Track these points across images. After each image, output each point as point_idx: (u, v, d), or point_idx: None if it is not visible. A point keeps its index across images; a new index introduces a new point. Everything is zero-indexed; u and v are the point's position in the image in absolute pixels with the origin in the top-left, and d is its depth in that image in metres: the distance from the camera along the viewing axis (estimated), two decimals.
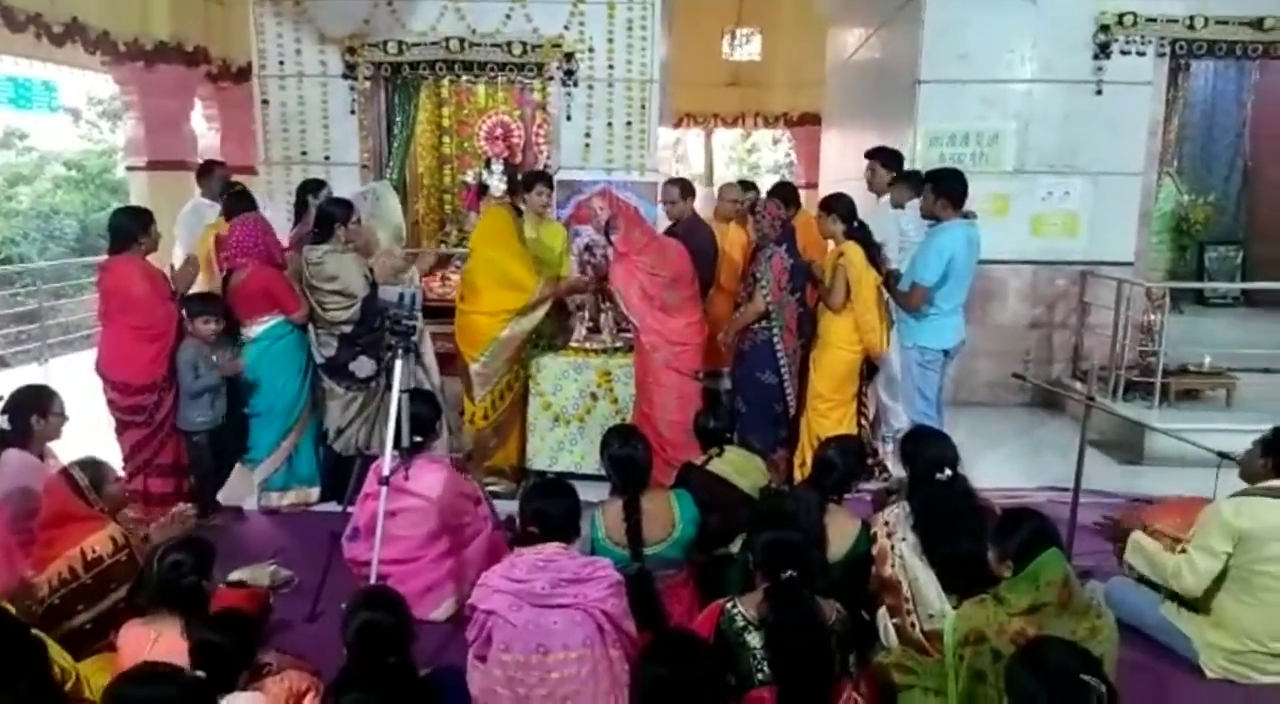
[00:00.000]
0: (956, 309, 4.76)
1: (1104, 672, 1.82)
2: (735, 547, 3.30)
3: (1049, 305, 6.72)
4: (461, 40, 6.59)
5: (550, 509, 2.61)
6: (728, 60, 12.15)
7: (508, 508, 3.72)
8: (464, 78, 7.41)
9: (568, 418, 4.82)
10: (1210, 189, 9.78)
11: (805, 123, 12.03)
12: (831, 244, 4.77)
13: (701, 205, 5.73)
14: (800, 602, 2.39)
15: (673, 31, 8.02)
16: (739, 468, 3.62)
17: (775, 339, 4.57)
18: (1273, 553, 2.92)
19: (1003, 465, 5.28)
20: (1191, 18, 6.34)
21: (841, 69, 9.42)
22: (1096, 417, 5.55)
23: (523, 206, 5.01)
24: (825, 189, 8.72)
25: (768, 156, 21.61)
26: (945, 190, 4.59)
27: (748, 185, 6.07)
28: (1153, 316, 6.23)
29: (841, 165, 8.64)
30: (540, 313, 4.60)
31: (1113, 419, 5.65)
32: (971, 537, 2.77)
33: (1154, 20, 6.37)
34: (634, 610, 2.61)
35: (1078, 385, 6.19)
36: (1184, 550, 3.11)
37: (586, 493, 2.91)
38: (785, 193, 5.01)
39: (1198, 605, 3.13)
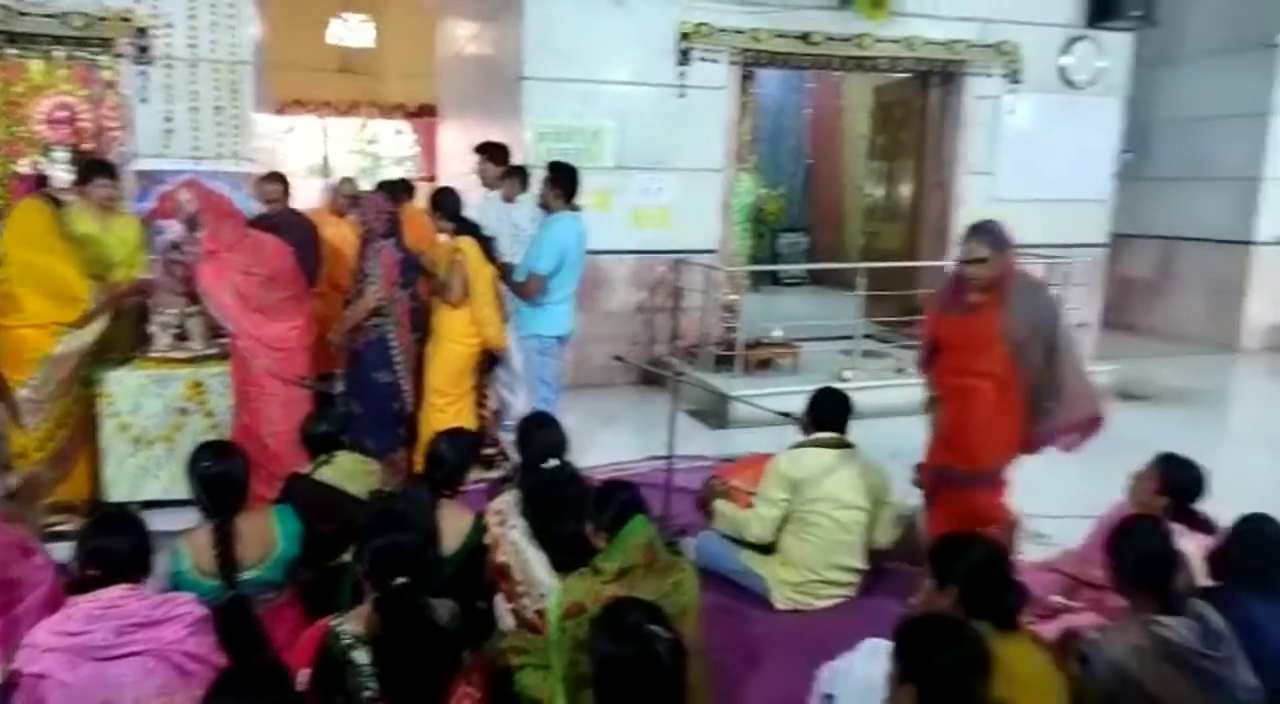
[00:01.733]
0: (569, 297, 5.00)
1: (671, 622, 2.00)
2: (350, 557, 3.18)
3: (650, 291, 7.31)
4: (6, 8, 5.63)
5: (113, 546, 2.32)
6: (338, 46, 11.63)
7: None
8: (9, 52, 6.32)
9: (151, 439, 4.28)
10: (780, 183, 11.25)
11: (424, 114, 11.89)
12: (444, 238, 4.77)
13: (319, 198, 5.46)
14: (411, 608, 2.36)
15: (269, 10, 7.49)
16: (350, 473, 3.50)
17: (389, 336, 4.48)
18: (820, 494, 3.44)
19: (616, 441, 5.66)
20: (755, 30, 7.20)
21: (453, 62, 9.44)
22: (692, 389, 6.19)
23: (70, 199, 4.37)
24: (445, 182, 8.70)
25: (391, 148, 21.07)
26: (561, 183, 4.80)
27: (350, 180, 5.89)
28: (734, 297, 7.05)
29: (459, 159, 8.67)
30: (100, 324, 4.05)
31: (706, 390, 6.32)
32: (575, 516, 2.93)
33: (725, 31, 7.13)
34: (229, 642, 2.41)
35: (676, 362, 6.83)
36: (752, 505, 3.56)
37: (179, 522, 2.63)
38: (393, 186, 4.93)
39: (768, 548, 3.60)
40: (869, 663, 2.48)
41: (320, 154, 14.78)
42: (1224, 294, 9.62)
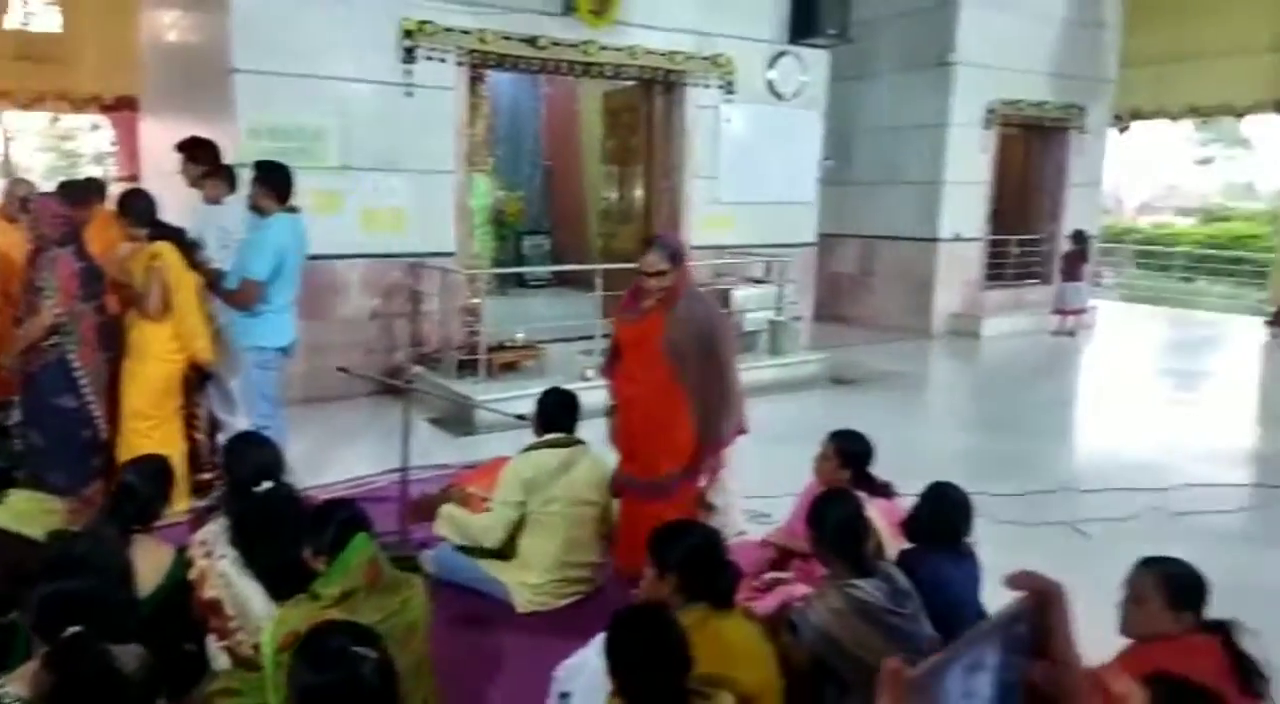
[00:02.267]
0: (289, 305, 4.69)
1: (383, 643, 1.93)
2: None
3: (386, 296, 7.06)
4: None
5: None
6: (19, 31, 10.23)
7: None
8: None
9: None
10: (520, 185, 11.24)
11: (124, 108, 10.71)
12: (129, 246, 4.31)
13: None
14: (87, 660, 2.10)
15: None
16: (24, 514, 3.06)
17: (70, 356, 3.98)
18: (554, 495, 3.47)
19: (354, 456, 5.41)
20: (482, 31, 7.13)
21: (156, 50, 8.59)
22: (436, 396, 6.04)
23: None
24: (147, 182, 7.91)
25: (88, 144, 18.90)
26: (270, 183, 4.47)
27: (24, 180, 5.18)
28: (476, 301, 6.97)
29: (163, 156, 7.90)
30: None
31: (453, 396, 6.19)
32: (293, 541, 2.74)
33: (450, 31, 7.01)
34: None
35: (417, 370, 6.64)
36: (490, 511, 3.53)
37: None
38: (75, 187, 4.39)
39: (508, 552, 3.58)
40: (601, 657, 2.53)
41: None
42: (917, 286, 10.84)
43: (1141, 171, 30.64)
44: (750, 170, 8.73)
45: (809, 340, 9.04)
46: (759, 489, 4.40)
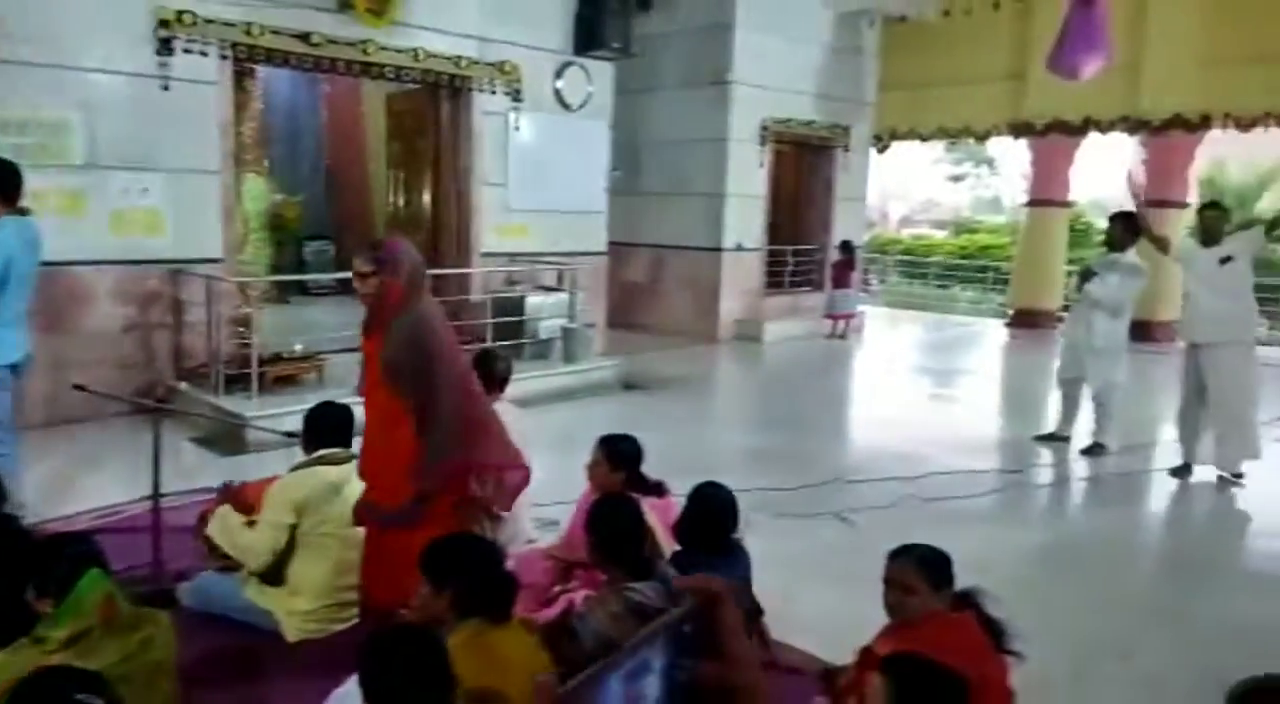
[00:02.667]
0: (19, 317, 4.19)
1: (113, 689, 1.75)
2: None
3: (142, 306, 6.46)
4: None
5: None
6: None
7: None
8: None
9: None
10: (300, 188, 10.69)
11: None
12: None
13: None
14: None
15: None
16: None
17: None
18: (328, 515, 3.29)
19: (103, 483, 4.91)
20: (249, 24, 6.69)
21: None
22: (202, 413, 5.60)
23: None
24: None
25: None
26: None
27: None
28: (248, 310, 6.53)
29: None
30: None
31: (218, 413, 5.75)
32: (15, 581, 2.44)
33: (212, 22, 6.53)
34: None
35: (182, 386, 6.14)
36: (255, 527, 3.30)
37: None
38: None
39: (276, 579, 3.36)
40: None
41: None
42: (704, 294, 11.26)
43: (903, 188, 33.49)
44: (541, 179, 8.74)
45: (602, 347, 9.17)
46: (551, 496, 4.39)
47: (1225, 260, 5.54)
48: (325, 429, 3.40)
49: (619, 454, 3.33)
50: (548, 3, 8.61)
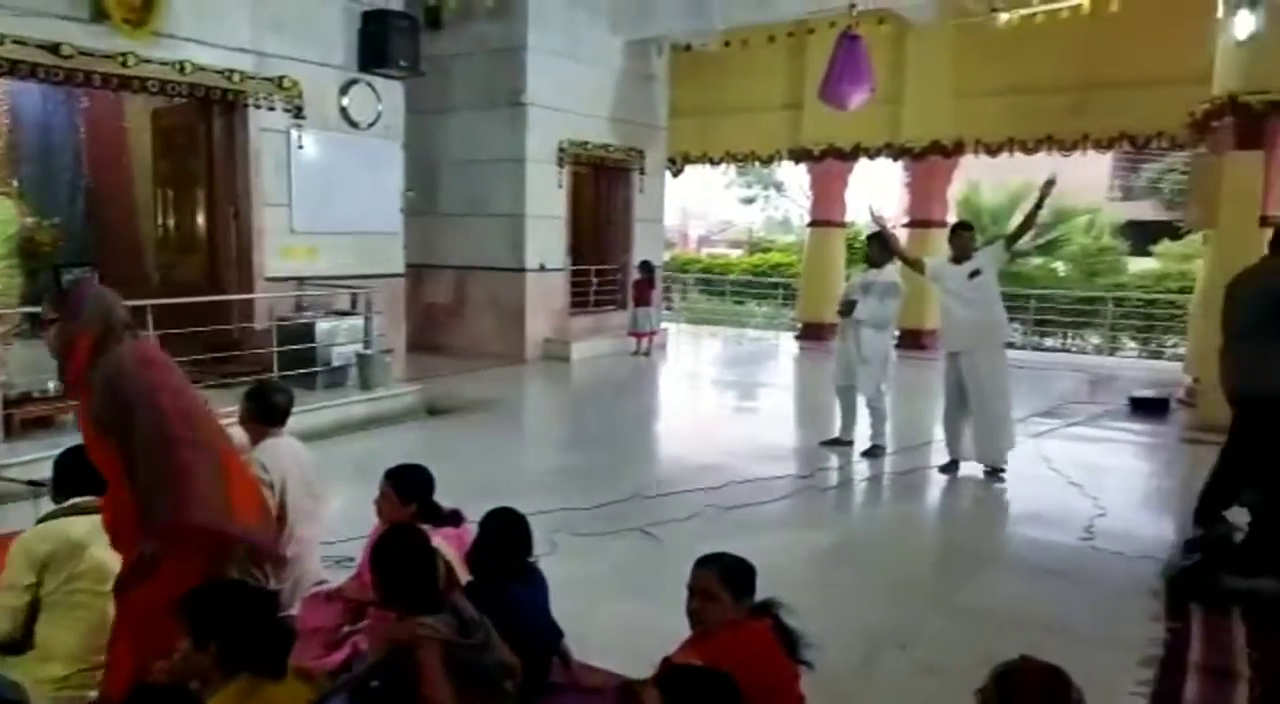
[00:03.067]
0: None
1: None
2: None
3: None
4: None
5: None
6: None
7: None
8: None
9: None
10: (56, 210, 9.69)
11: None
12: None
13: None
14: None
15: None
16: None
17: None
18: (76, 571, 2.96)
19: None
20: None
21: None
22: None
23: None
24: None
25: None
26: None
27: None
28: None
29: None
30: None
31: None
32: None
33: None
34: None
35: None
36: None
37: None
38: None
39: (21, 646, 2.99)
40: None
41: None
42: (509, 315, 11.18)
43: (701, 209, 34.77)
44: (329, 199, 8.37)
45: (403, 372, 8.88)
46: (348, 531, 4.19)
47: (974, 274, 6.10)
48: (76, 475, 3.06)
49: (407, 485, 3.21)
50: (329, 18, 8.28)
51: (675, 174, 14.29)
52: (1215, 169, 8.10)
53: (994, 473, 6.23)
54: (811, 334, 13.56)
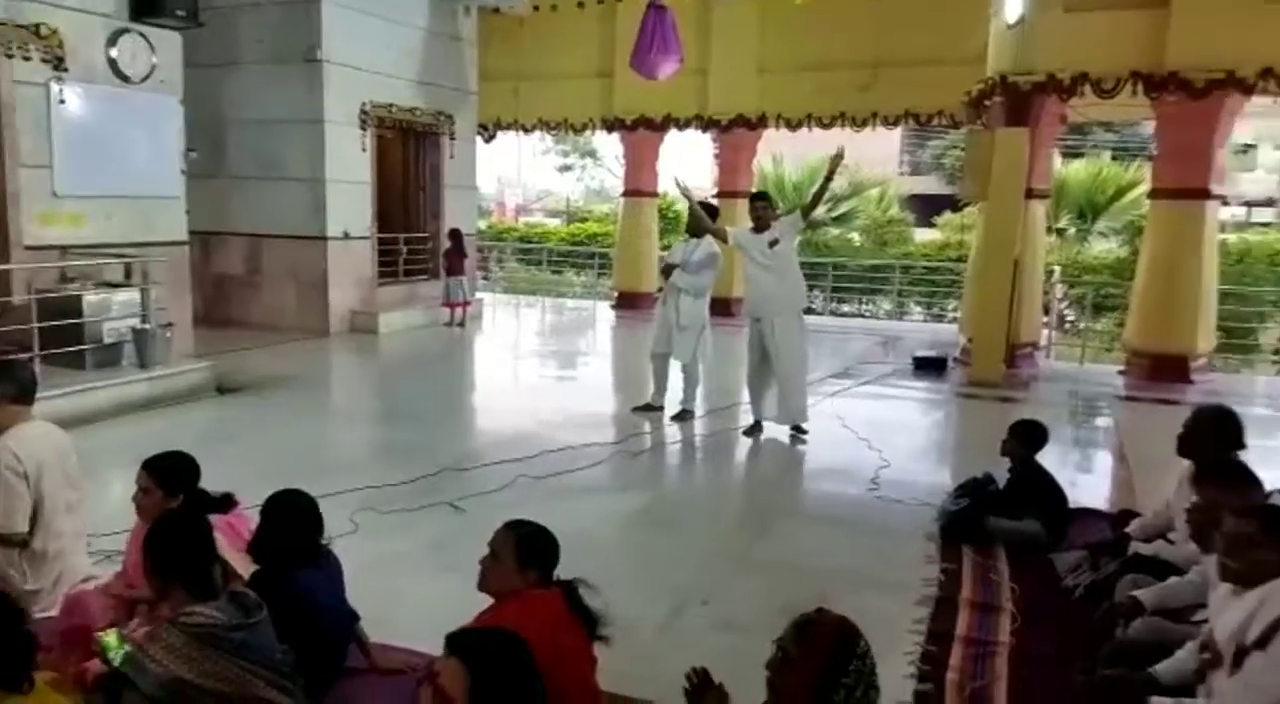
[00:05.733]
0: None
1: None
2: None
3: None
4: None
5: None
6: None
7: None
8: None
9: None
10: None
11: None
12: None
13: None
14: None
15: None
16: None
17: None
18: None
19: None
20: None
21: None
22: None
23: None
24: None
25: None
26: None
27: None
28: None
29: None
30: None
31: None
32: None
33: None
34: None
35: None
36: None
37: None
38: None
39: None
40: None
41: None
42: (310, 285, 10.61)
43: (518, 177, 34.36)
44: (97, 160, 7.58)
45: (191, 348, 8.26)
46: (113, 524, 3.85)
47: (774, 243, 6.35)
48: None
49: (170, 477, 2.95)
50: None
51: (487, 140, 13.98)
52: (987, 144, 8.80)
53: (799, 432, 6.54)
54: (627, 303, 13.72)
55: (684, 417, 6.90)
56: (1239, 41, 8.09)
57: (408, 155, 12.21)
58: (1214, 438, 3.71)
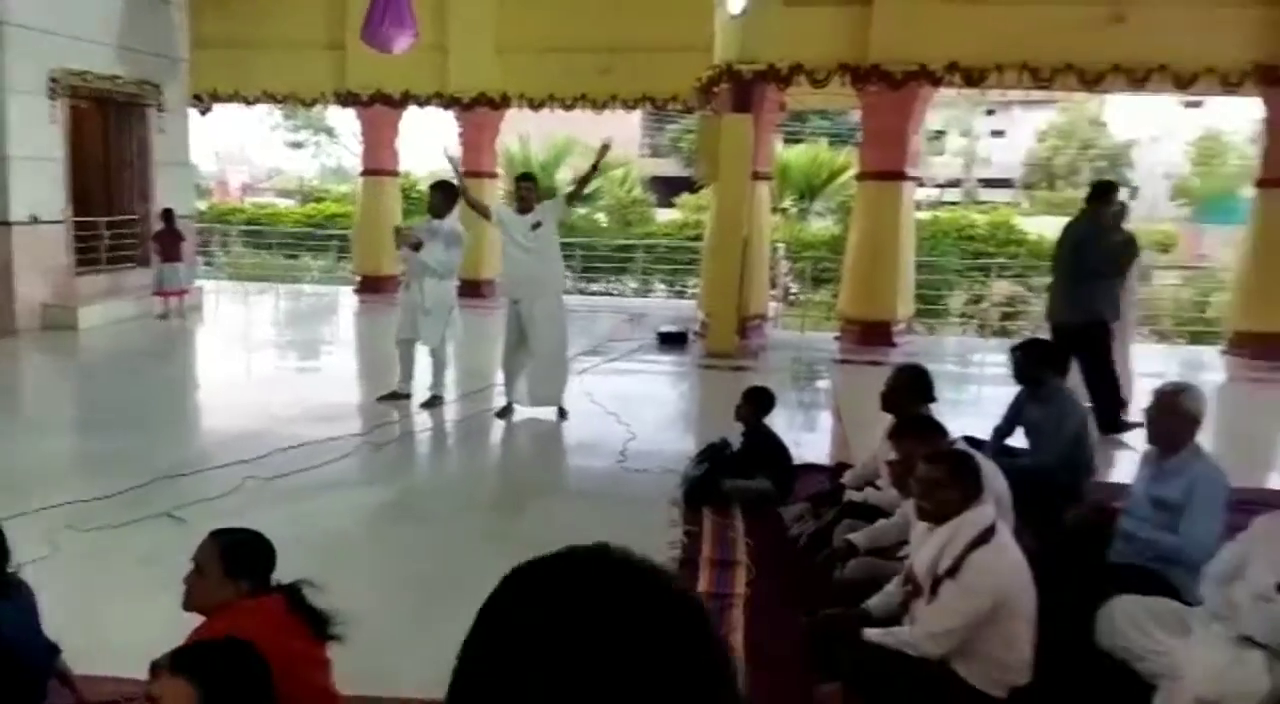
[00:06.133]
0: None
1: None
2: None
3: None
4: None
5: None
6: None
7: None
8: None
9: None
10: None
11: None
12: None
13: None
14: None
15: None
16: None
17: None
18: None
19: None
20: None
21: None
22: None
23: None
24: None
25: None
26: None
27: None
28: None
29: None
30: None
31: None
32: None
33: None
34: None
35: None
36: None
37: None
38: None
39: None
40: None
41: None
42: None
43: (243, 154, 31.85)
44: None
45: None
46: None
47: (536, 226, 6.35)
48: None
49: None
50: None
51: (203, 112, 12.79)
52: (716, 129, 9.27)
53: (561, 414, 6.57)
54: (370, 287, 13.15)
55: (434, 403, 6.74)
56: (929, 38, 9.09)
57: (109, 129, 10.92)
58: (909, 394, 4.16)
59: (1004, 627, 2.81)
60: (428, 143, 18.33)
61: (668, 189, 22.60)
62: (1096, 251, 6.18)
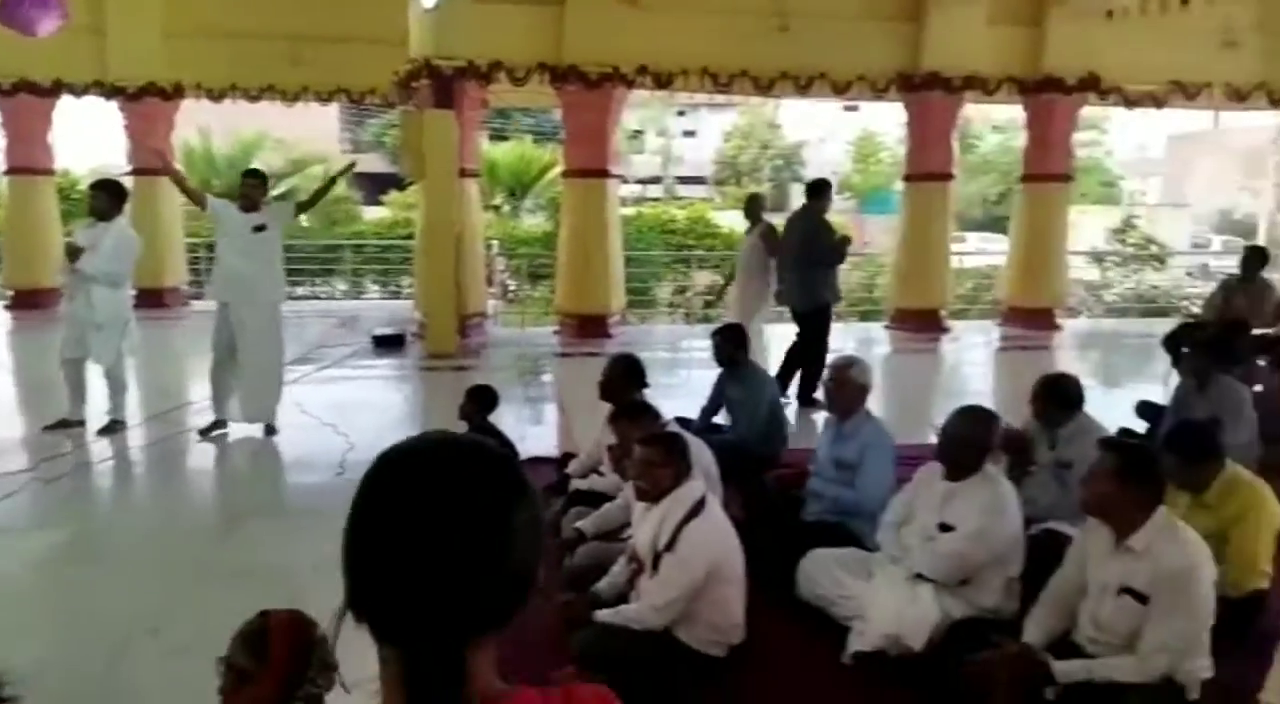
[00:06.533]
0: None
1: None
2: None
3: None
4: None
5: None
6: None
7: None
8: None
9: None
10: None
11: None
12: None
13: None
14: None
15: None
16: None
17: None
18: None
19: None
20: None
21: None
22: None
23: None
24: None
25: None
26: None
27: None
28: None
29: None
30: None
31: None
32: None
33: None
34: None
35: None
36: None
37: None
38: None
39: None
40: None
41: None
42: None
43: None
44: None
45: None
46: None
47: (260, 228, 5.87)
48: None
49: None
50: None
51: None
52: (418, 125, 9.07)
53: (269, 430, 6.11)
54: (25, 302, 11.46)
55: (114, 429, 6.01)
56: (620, 42, 9.49)
57: None
58: (624, 382, 4.37)
59: (718, 591, 3.05)
60: (89, 137, 16.28)
61: (374, 185, 21.73)
62: (820, 244, 6.89)
